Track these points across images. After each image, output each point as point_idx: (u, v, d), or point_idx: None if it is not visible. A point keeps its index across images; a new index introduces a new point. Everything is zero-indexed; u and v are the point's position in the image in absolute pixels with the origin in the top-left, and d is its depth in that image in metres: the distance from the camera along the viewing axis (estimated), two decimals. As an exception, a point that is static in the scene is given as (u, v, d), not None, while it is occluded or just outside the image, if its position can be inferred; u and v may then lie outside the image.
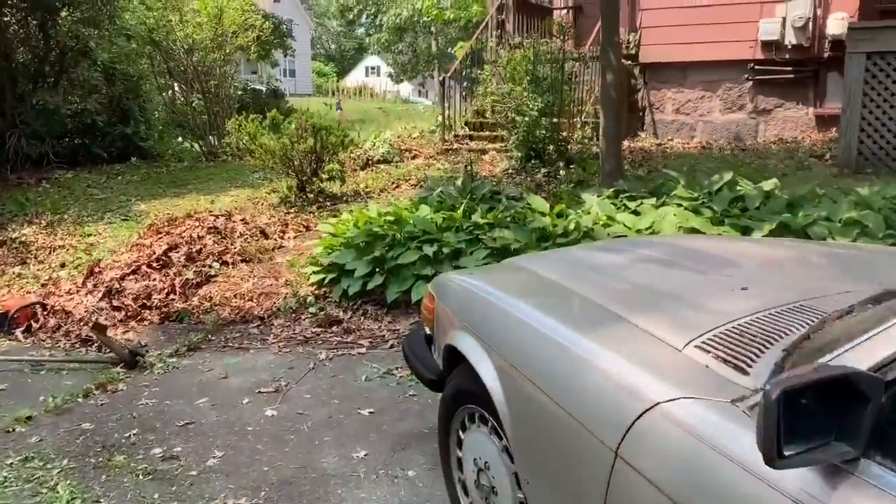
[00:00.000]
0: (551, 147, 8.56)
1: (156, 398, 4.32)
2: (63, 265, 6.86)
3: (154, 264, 6.15)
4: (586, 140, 9.42)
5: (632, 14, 11.91)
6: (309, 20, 57.68)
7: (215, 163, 11.11)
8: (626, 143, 9.95)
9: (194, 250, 6.43)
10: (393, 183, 9.08)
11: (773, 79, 10.87)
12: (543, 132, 8.46)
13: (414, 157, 10.33)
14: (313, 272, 5.90)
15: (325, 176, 8.34)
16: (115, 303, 5.77)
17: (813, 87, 10.72)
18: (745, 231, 4.92)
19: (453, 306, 2.87)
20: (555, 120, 8.57)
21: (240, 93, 12.47)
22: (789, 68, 10.72)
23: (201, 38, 11.04)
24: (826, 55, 10.40)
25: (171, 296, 5.92)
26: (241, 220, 7.28)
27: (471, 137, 11.04)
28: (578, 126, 9.64)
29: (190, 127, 11.50)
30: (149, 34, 10.75)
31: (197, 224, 6.87)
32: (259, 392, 4.35)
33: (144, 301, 5.83)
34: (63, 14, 11.67)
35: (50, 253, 7.14)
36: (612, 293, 2.41)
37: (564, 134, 8.78)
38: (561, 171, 8.26)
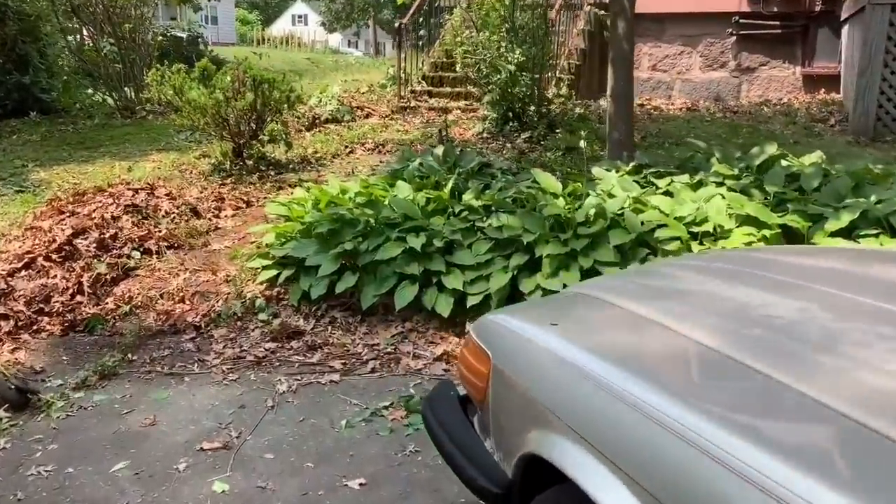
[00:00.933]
0: (532, 108, 7.43)
1: (53, 462, 3.08)
2: (-64, 254, 5.39)
3: (55, 256, 4.78)
4: (563, 99, 8.33)
5: (605, -42, 10.74)
6: (232, -38, 54.36)
7: (132, 120, 9.51)
8: (600, 103, 8.94)
9: (107, 236, 5.08)
10: (346, 147, 7.81)
11: (759, 34, 9.99)
12: (523, 90, 7.32)
13: (367, 117, 9.05)
14: (263, 267, 4.67)
15: (266, 139, 7.01)
16: (0, 309, 4.41)
17: (801, 45, 9.90)
18: (817, 220, 3.95)
19: (536, 385, 1.76)
20: (535, 76, 7.43)
21: (160, 38, 10.76)
22: (777, 22, 9.86)
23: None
24: (818, 9, 9.55)
25: (78, 297, 4.60)
26: (167, 194, 5.92)
27: (430, 94, 9.81)
28: (553, 83, 8.53)
29: (102, 77, 9.81)
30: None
31: (111, 201, 5.50)
32: (202, 449, 3.17)
33: (41, 305, 4.50)
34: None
35: (-82, 236, 5.64)
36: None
37: (546, 92, 7.66)
38: (545, 137, 7.16)
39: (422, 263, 4.24)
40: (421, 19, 10.01)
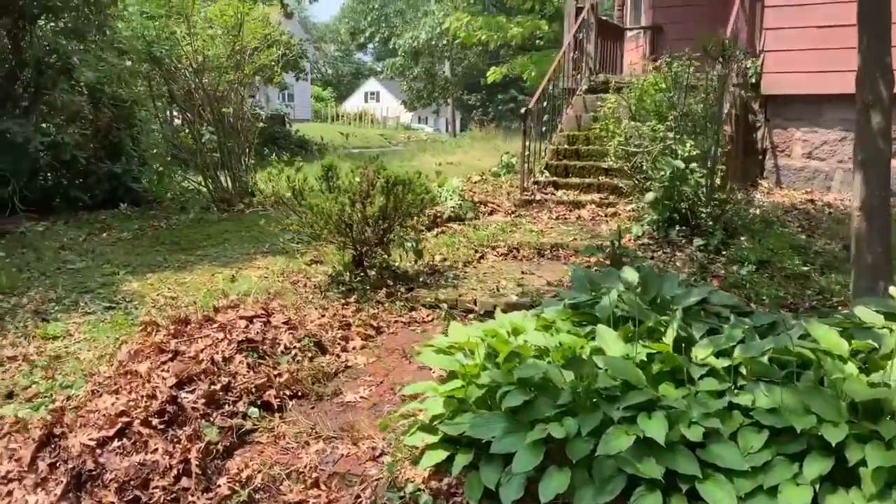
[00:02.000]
0: (704, 209, 6.19)
1: None
2: (10, 396, 4.40)
3: (155, 420, 3.70)
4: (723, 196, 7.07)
5: (751, 34, 9.64)
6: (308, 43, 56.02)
7: (230, 214, 8.67)
8: (755, 196, 7.68)
9: (219, 387, 3.99)
10: (476, 252, 6.70)
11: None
12: (693, 188, 6.10)
13: (491, 213, 7.98)
14: (427, 447, 3.46)
15: (392, 246, 5.96)
16: (85, 502, 3.31)
17: None
18: None
19: None
20: (705, 171, 6.21)
21: (261, 124, 10.02)
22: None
23: (214, 55, 8.67)
24: None
25: (183, 480, 3.48)
26: (286, 322, 4.84)
27: (555, 185, 8.70)
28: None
29: (198, 166, 9.05)
30: (147, 49, 8.37)
31: (221, 335, 4.44)
32: None
33: (137, 493, 3.39)
34: (41, 23, 9.31)
35: (-8, 370, 4.68)
36: None
37: (719, 191, 6.41)
38: (726, 244, 5.90)
39: (663, 461, 2.97)
40: (545, 103, 9.00)
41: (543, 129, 9.08)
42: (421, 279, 5.94)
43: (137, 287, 6.07)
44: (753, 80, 9.27)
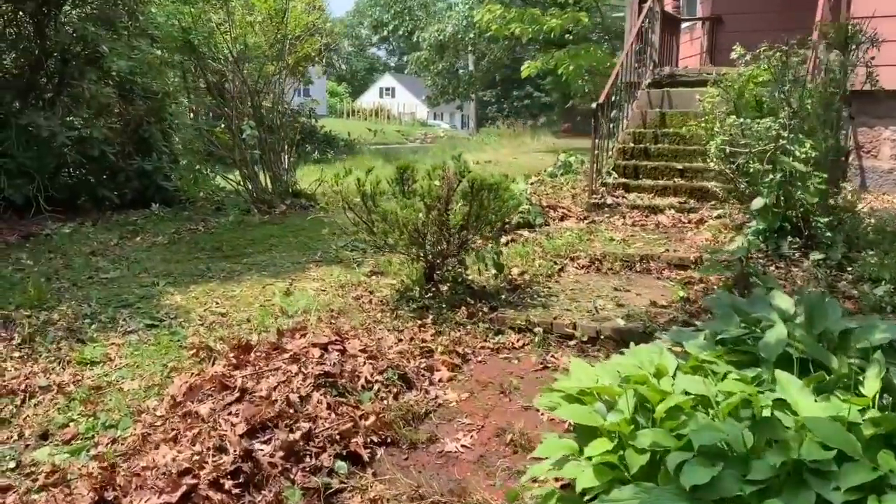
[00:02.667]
0: (821, 218, 5.45)
1: None
2: (45, 437, 3.73)
3: (226, 480, 3.00)
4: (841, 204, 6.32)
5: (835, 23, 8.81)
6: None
7: (271, 216, 7.98)
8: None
9: (298, 435, 3.29)
10: (554, 263, 5.99)
11: None
12: (812, 194, 5.36)
13: (562, 219, 7.24)
14: (578, 526, 2.75)
15: (470, 259, 5.25)
16: None
17: None
18: None
19: None
20: (825, 176, 5.47)
21: (303, 119, 9.32)
22: None
23: (256, 44, 7.97)
24: None
25: (266, 562, 2.78)
26: (362, 350, 4.15)
27: (626, 187, 7.96)
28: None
29: (236, 163, 8.36)
30: (183, 36, 7.68)
31: (295, 368, 3.74)
32: None
33: (210, 581, 2.70)
34: (66, 8, 8.64)
35: (22, 404, 4.00)
36: None
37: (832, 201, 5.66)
38: (849, 260, 5.17)
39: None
40: (614, 97, 8.26)
41: (612, 125, 8.34)
42: (503, 296, 5.22)
43: (181, 301, 5.39)
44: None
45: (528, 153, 19.51)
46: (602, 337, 4.50)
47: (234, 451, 3.11)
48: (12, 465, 3.50)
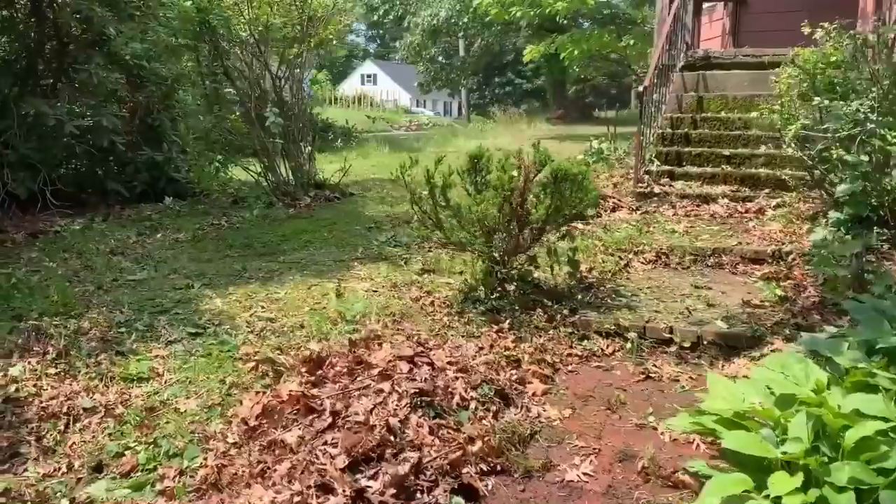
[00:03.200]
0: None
1: None
2: (99, 468, 3.25)
3: (339, 528, 2.56)
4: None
5: (878, 2, 8.48)
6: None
7: (296, 209, 7.47)
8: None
9: (407, 468, 2.85)
10: (617, 258, 5.58)
11: None
12: (900, 183, 4.98)
13: (614, 210, 6.83)
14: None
15: (541, 255, 4.83)
16: None
17: None
18: None
19: None
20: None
21: (318, 109, 8.77)
22: None
23: (276, 25, 7.44)
24: None
25: None
26: (450, 362, 3.71)
27: (671, 175, 7.56)
28: None
29: (256, 153, 7.83)
30: (197, 15, 7.13)
31: (386, 387, 3.29)
32: None
33: None
34: (67, -12, 8.02)
35: (66, 429, 3.52)
36: None
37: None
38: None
39: None
40: (656, 80, 7.84)
41: (654, 109, 7.92)
42: (578, 296, 4.80)
43: (221, 305, 4.90)
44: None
45: (532, 140, 19.08)
46: (704, 342, 4.09)
47: (343, 490, 2.66)
48: (65, 502, 3.04)
